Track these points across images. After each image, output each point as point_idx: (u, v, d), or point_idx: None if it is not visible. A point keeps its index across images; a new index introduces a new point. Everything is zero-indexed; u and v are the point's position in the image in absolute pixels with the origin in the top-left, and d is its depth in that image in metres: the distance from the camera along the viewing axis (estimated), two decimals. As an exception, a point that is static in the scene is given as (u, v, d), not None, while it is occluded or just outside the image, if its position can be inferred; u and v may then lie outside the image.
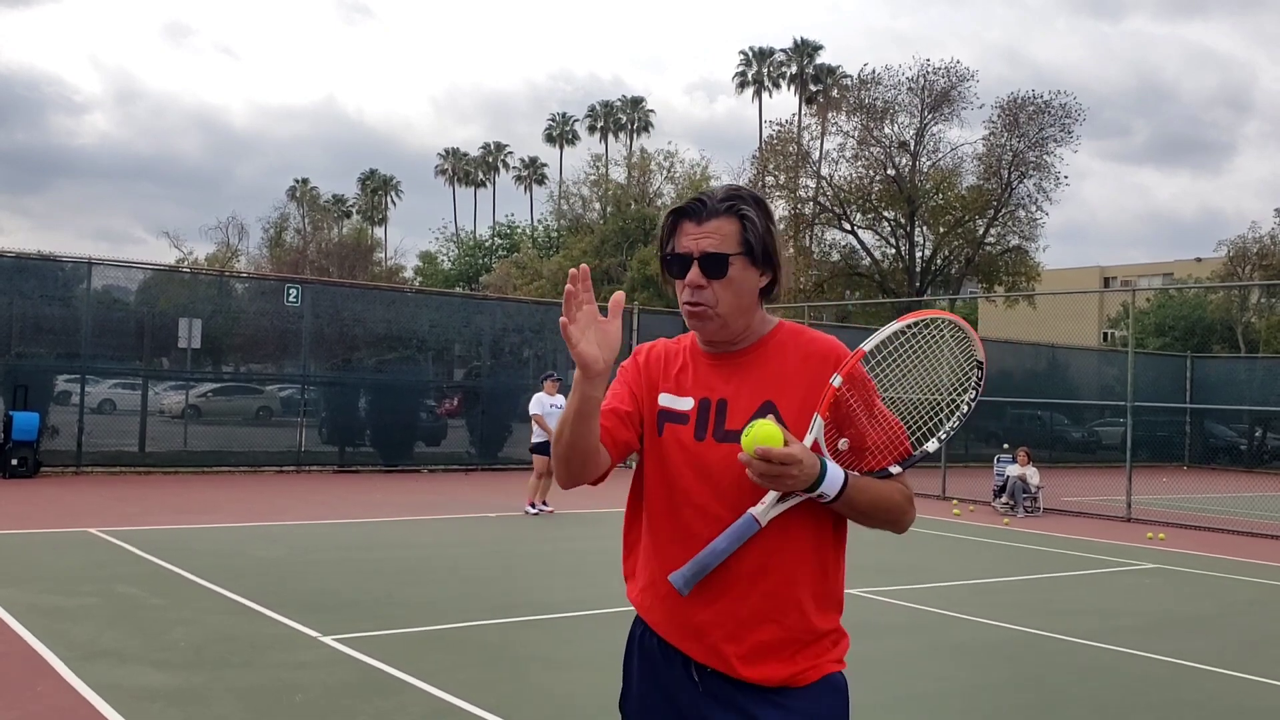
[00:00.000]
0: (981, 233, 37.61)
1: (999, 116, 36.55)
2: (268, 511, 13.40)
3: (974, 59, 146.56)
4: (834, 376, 2.16)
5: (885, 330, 2.23)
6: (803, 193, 38.25)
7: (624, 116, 74.40)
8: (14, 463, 15.59)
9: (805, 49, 61.97)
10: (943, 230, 38.04)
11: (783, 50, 63.87)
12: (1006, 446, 18.33)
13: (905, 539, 13.14)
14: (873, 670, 6.54)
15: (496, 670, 6.25)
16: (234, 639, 6.66)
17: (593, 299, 2.08)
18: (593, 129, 74.96)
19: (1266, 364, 33.78)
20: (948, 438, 2.29)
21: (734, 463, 2.11)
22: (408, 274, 61.22)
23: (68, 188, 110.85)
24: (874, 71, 37.71)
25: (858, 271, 38.85)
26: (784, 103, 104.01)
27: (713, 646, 2.18)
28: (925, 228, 38.60)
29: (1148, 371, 29.21)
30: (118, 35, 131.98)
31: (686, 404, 2.26)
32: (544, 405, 13.86)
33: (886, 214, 38.09)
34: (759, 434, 2.05)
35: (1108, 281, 59.29)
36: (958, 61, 59.12)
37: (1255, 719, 6.10)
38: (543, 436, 13.80)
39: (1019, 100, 36.25)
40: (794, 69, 62.56)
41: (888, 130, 37.40)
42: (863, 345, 2.20)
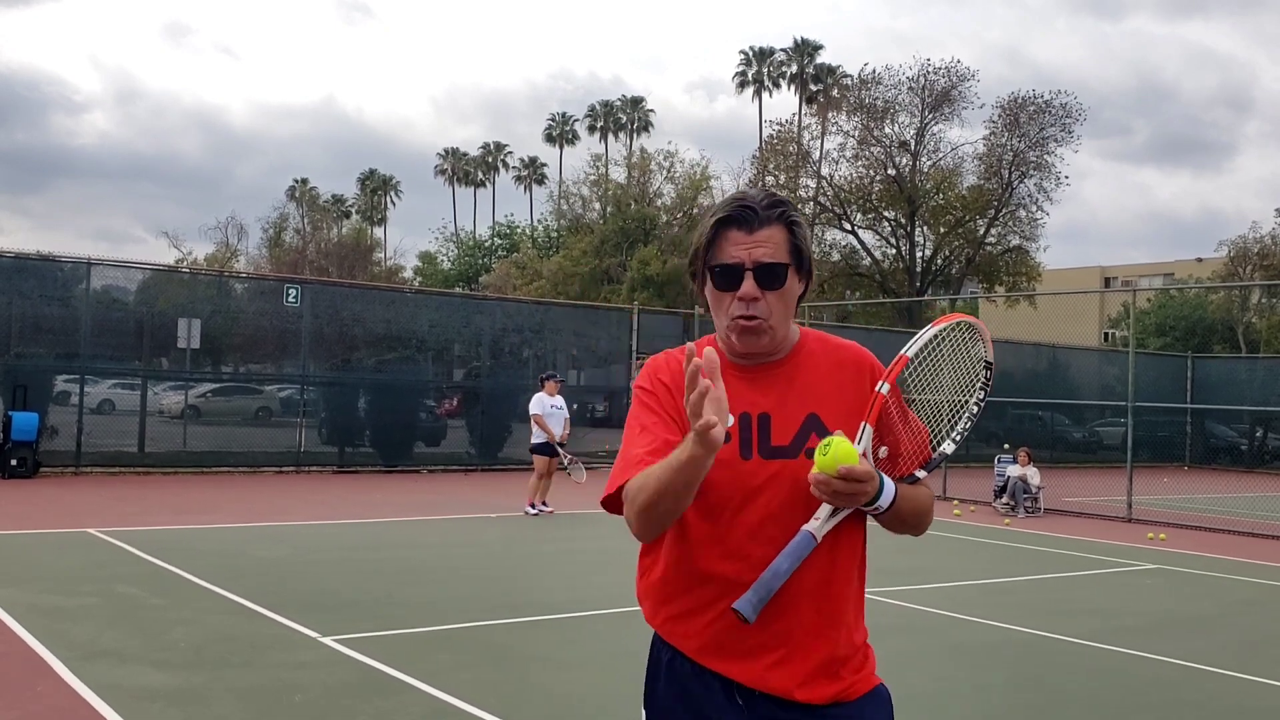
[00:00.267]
0: (982, 233, 37.63)
1: (999, 116, 36.59)
2: (267, 512, 13.39)
3: (974, 59, 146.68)
4: (880, 384, 2.11)
5: (924, 335, 2.19)
6: (803, 193, 38.25)
7: (624, 116, 74.44)
8: (13, 463, 15.59)
9: (805, 49, 62.00)
10: (943, 230, 38.06)
11: (783, 50, 63.97)
12: (1007, 447, 18.33)
13: (905, 539, 13.11)
14: (873, 670, 6.53)
15: (497, 670, 6.24)
16: (234, 639, 6.66)
17: (716, 381, 1.90)
18: (593, 129, 75.02)
19: (1267, 364, 33.77)
20: (962, 439, 2.27)
21: (786, 480, 2.07)
22: (407, 274, 61.19)
23: (68, 188, 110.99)
24: (874, 71, 37.75)
25: (858, 272, 38.86)
26: (784, 102, 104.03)
27: (767, 669, 2.10)
28: (926, 228, 38.61)
29: (1148, 372, 29.21)
30: (118, 35, 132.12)
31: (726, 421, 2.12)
32: (544, 405, 13.85)
33: (887, 214, 38.11)
34: (840, 452, 1.97)
35: (1108, 281, 59.29)
36: (958, 61, 59.19)
37: (1255, 719, 6.10)
38: (543, 437, 13.79)
39: (1019, 100, 36.28)
40: (794, 69, 62.59)
41: (888, 130, 37.44)
42: (905, 352, 2.16)
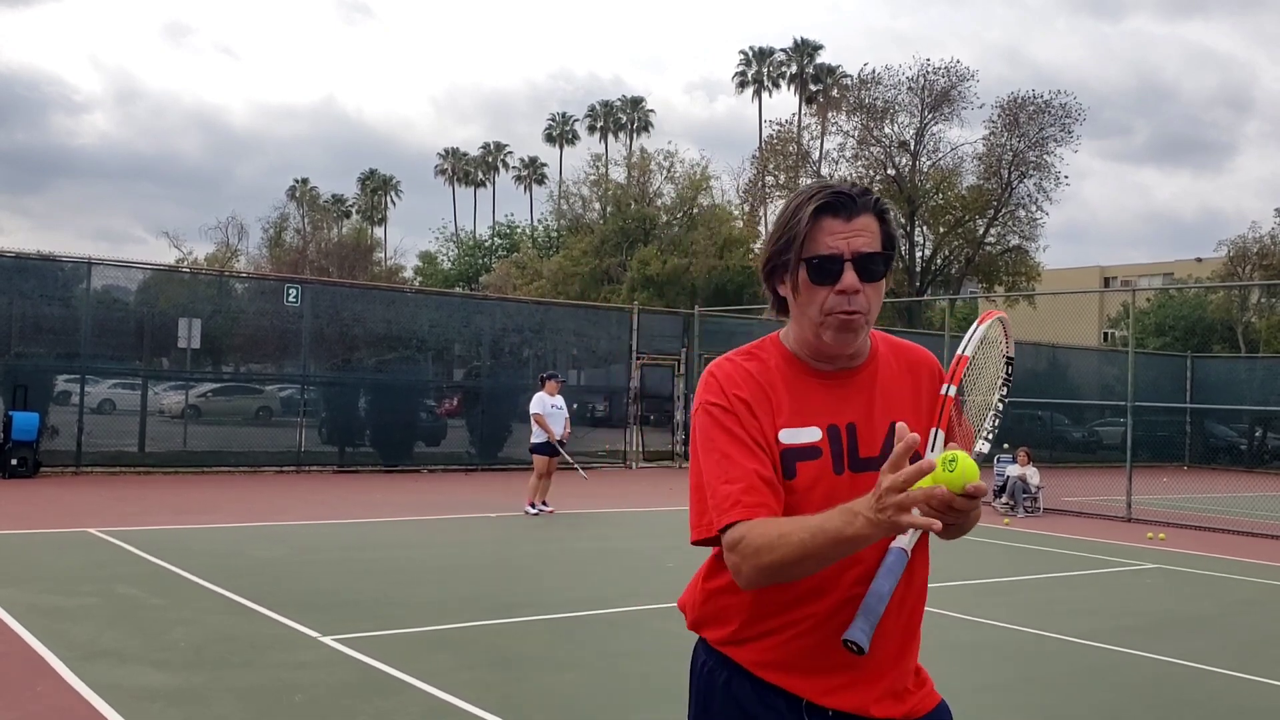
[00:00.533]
0: (981, 232, 37.65)
1: (999, 116, 36.61)
2: (267, 511, 13.40)
3: (974, 59, 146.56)
4: (947, 386, 1.99)
5: (976, 334, 2.06)
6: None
7: (624, 116, 74.45)
8: (14, 463, 15.59)
9: (805, 49, 62.00)
10: (943, 230, 38.08)
11: (783, 50, 63.97)
12: (1006, 446, 18.32)
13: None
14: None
15: (496, 670, 6.25)
16: (234, 639, 6.66)
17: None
18: (593, 129, 75.04)
19: (1267, 364, 33.79)
20: (993, 438, 2.18)
21: None
22: (407, 274, 61.23)
23: (68, 188, 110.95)
24: (874, 71, 37.76)
25: (858, 271, 38.85)
26: (784, 102, 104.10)
27: (842, 687, 2.01)
28: (925, 227, 38.63)
29: (1148, 371, 29.21)
30: (118, 35, 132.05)
31: (813, 434, 2.01)
32: (545, 405, 13.85)
33: (886, 214, 38.06)
34: (968, 469, 1.77)
35: (1108, 281, 59.29)
36: (958, 61, 59.21)
37: (1255, 719, 6.10)
38: (543, 436, 13.79)
39: (1019, 100, 36.30)
40: (794, 69, 62.59)
41: (888, 130, 37.46)
42: (964, 352, 2.04)
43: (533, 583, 9.26)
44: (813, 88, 59.31)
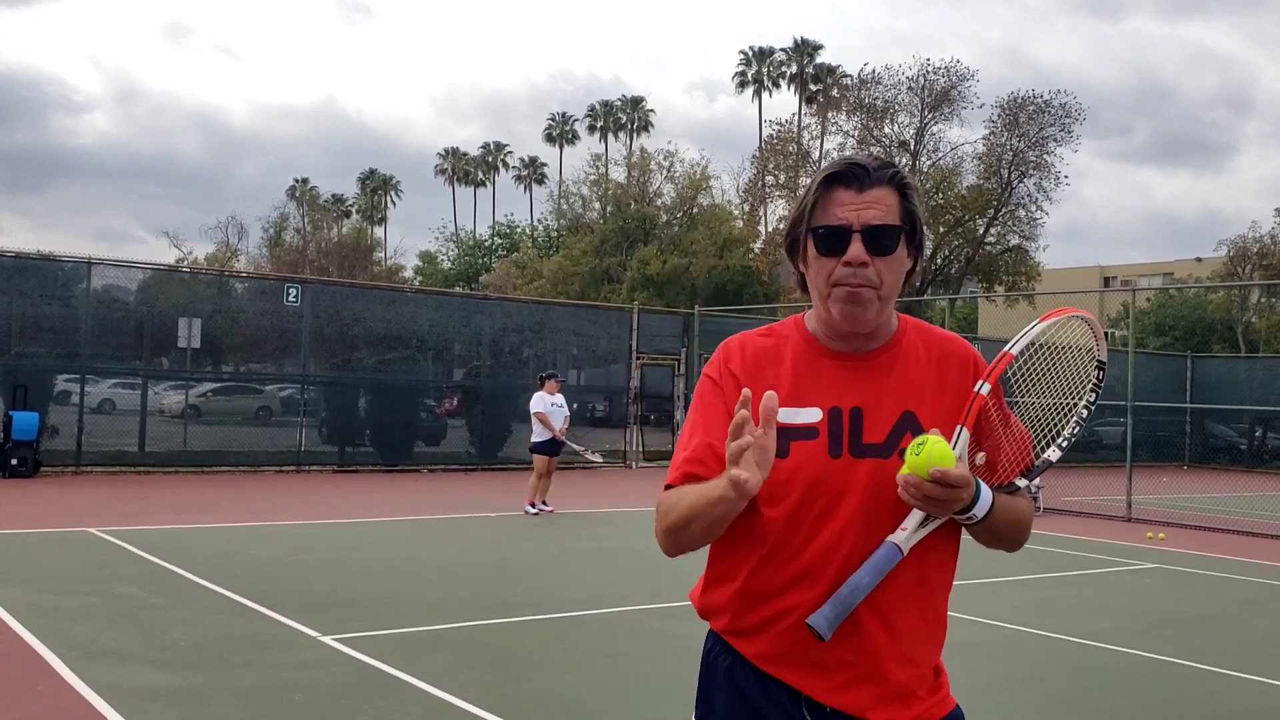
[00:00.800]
0: (981, 232, 37.64)
1: (999, 116, 36.59)
2: (267, 511, 13.40)
3: (974, 59, 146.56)
4: (980, 384, 1.93)
5: (1030, 332, 2.00)
6: (803, 192, 38.27)
7: (624, 116, 74.44)
8: (14, 462, 15.59)
9: (805, 49, 61.99)
10: (943, 230, 38.05)
11: (783, 50, 63.98)
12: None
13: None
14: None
15: (496, 670, 6.24)
16: (234, 639, 6.66)
17: (769, 427, 1.81)
18: (593, 129, 75.03)
19: (1267, 364, 33.77)
20: (1069, 445, 2.07)
21: (874, 482, 1.90)
22: (407, 274, 61.23)
23: (68, 188, 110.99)
24: (874, 71, 37.75)
25: (858, 271, 38.87)
26: (784, 102, 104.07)
27: (838, 686, 1.94)
28: (925, 227, 38.62)
29: (1148, 371, 29.19)
30: (118, 35, 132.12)
31: (813, 415, 1.96)
32: (545, 404, 13.86)
33: (886, 214, 38.07)
34: (935, 453, 1.79)
35: (1108, 281, 59.29)
36: (958, 61, 59.21)
37: (1255, 719, 6.10)
38: (543, 436, 13.79)
39: (1019, 100, 36.29)
40: (794, 68, 62.58)
41: (888, 130, 37.45)
42: (1008, 349, 1.98)
43: (532, 583, 9.26)
44: (813, 87, 59.31)
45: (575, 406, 15.17)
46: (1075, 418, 2.08)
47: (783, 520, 1.95)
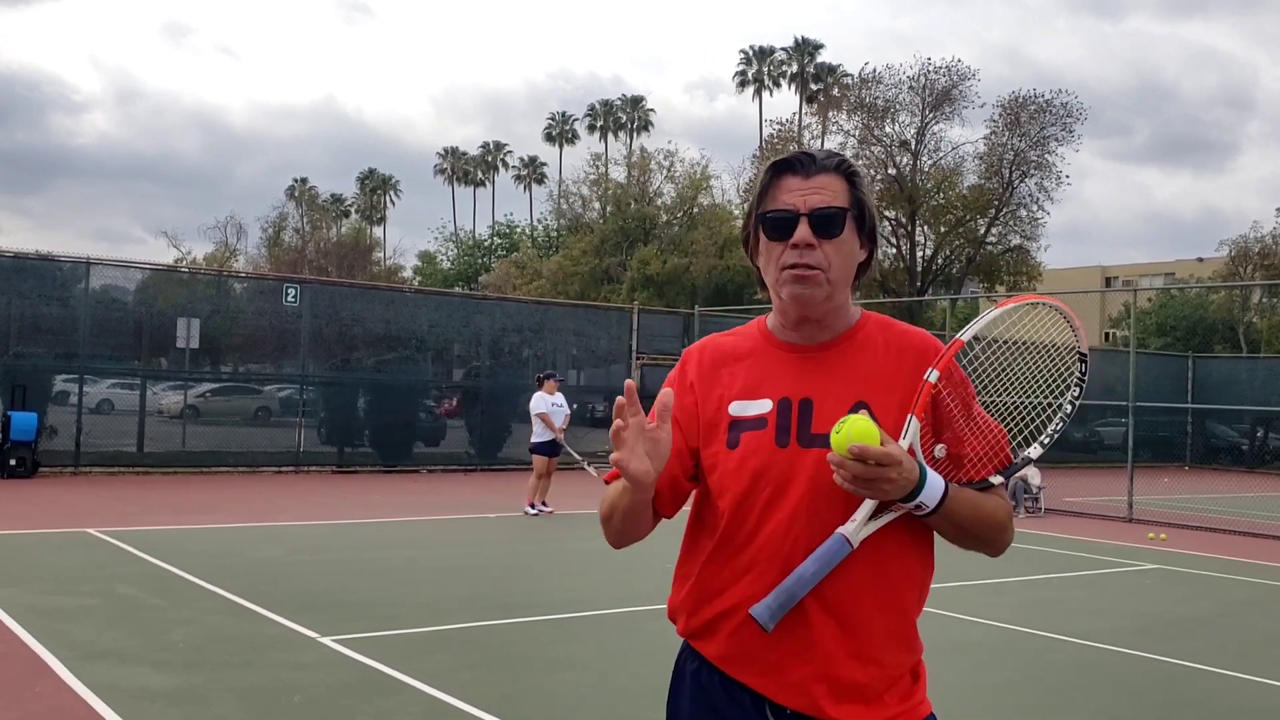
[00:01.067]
0: (983, 232, 37.62)
1: (1000, 116, 36.56)
2: (267, 512, 13.39)
3: (974, 59, 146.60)
4: (929, 371, 1.92)
5: (984, 318, 1.99)
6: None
7: (624, 116, 74.45)
8: (12, 463, 15.58)
9: (805, 48, 61.99)
10: (944, 230, 38.05)
11: (783, 49, 63.99)
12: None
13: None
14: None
15: (496, 670, 6.24)
16: (234, 639, 6.66)
17: (639, 410, 1.86)
18: (592, 128, 75.03)
19: (1268, 364, 33.78)
20: (1051, 442, 2.04)
21: (822, 472, 1.87)
22: (407, 274, 61.23)
23: (68, 188, 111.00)
24: (874, 71, 37.73)
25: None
26: (784, 102, 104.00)
27: (797, 684, 1.91)
28: (926, 227, 38.60)
29: (1149, 371, 29.20)
30: (117, 35, 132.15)
31: (763, 406, 1.98)
32: (545, 404, 13.86)
33: (887, 213, 38.06)
34: (853, 430, 1.80)
35: (1109, 281, 59.30)
36: (958, 61, 59.19)
37: (1255, 719, 6.09)
38: (542, 436, 13.79)
39: (1020, 99, 36.26)
40: (794, 68, 62.59)
41: (888, 129, 37.43)
42: (960, 335, 1.96)
43: (532, 583, 9.26)
44: (813, 87, 59.30)
45: (575, 407, 15.18)
46: (1060, 416, 2.04)
47: (730, 511, 1.96)
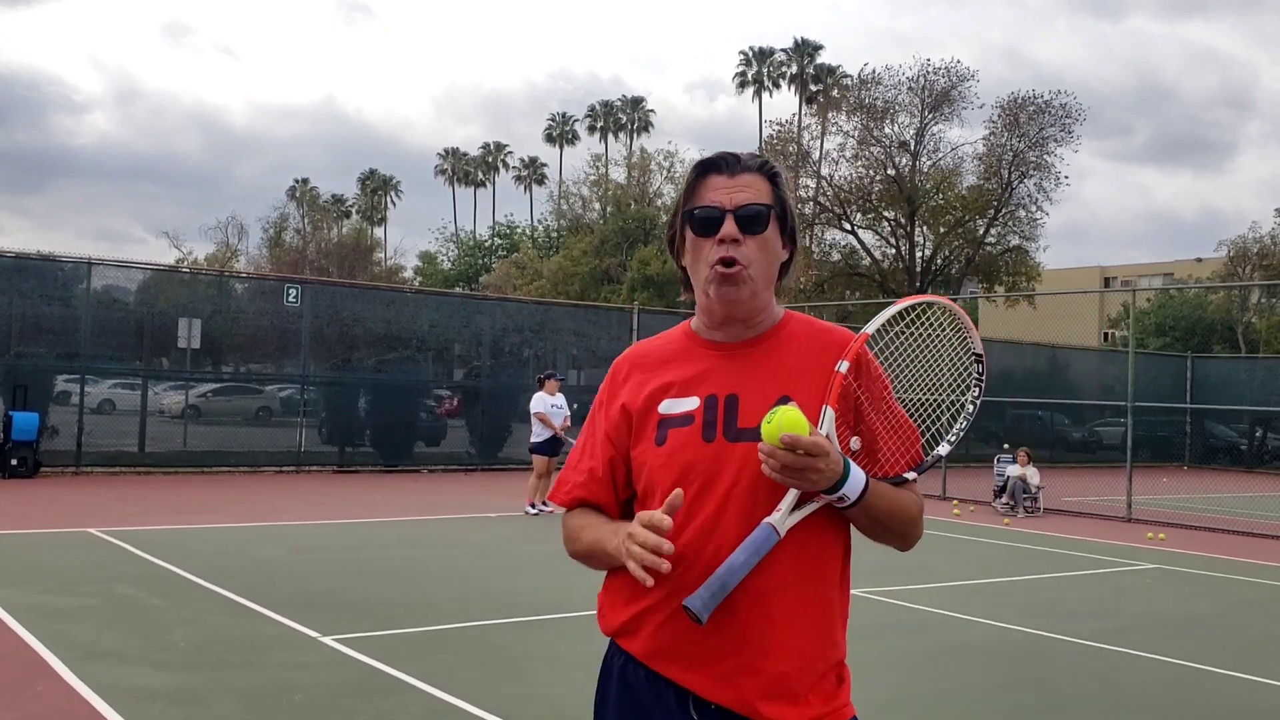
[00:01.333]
0: (982, 233, 37.59)
1: (999, 116, 36.54)
2: (267, 512, 13.39)
3: (974, 59, 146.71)
4: (839, 363, 1.98)
5: (885, 313, 2.06)
6: (803, 192, 38.22)
7: (624, 116, 74.43)
8: (13, 463, 15.58)
9: (805, 49, 62.01)
10: (943, 230, 38.03)
11: (783, 50, 64.00)
12: (1007, 446, 18.32)
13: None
14: (873, 670, 6.54)
15: (496, 670, 6.25)
16: (234, 639, 6.66)
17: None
18: (593, 129, 75.03)
19: (1267, 364, 33.79)
20: (957, 440, 2.11)
21: (749, 465, 1.91)
22: (407, 274, 61.22)
23: (68, 188, 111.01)
24: (874, 71, 37.71)
25: (858, 271, 38.84)
26: (784, 102, 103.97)
27: (725, 677, 1.92)
28: (925, 228, 38.58)
29: (1148, 371, 29.21)
30: (118, 35, 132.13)
31: (691, 404, 2.01)
32: (545, 405, 13.89)
33: (887, 214, 38.08)
34: (784, 420, 1.82)
35: (1108, 281, 59.26)
36: (958, 61, 59.20)
37: (1255, 719, 6.10)
38: (542, 436, 13.81)
39: (1019, 100, 36.24)
40: (794, 69, 62.59)
41: (888, 130, 37.39)
42: (865, 329, 2.03)
43: (532, 583, 9.26)
44: (813, 88, 59.30)
45: (575, 407, 15.17)
46: (963, 415, 2.12)
47: (657, 505, 1.96)
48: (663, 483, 1.98)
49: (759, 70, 65.17)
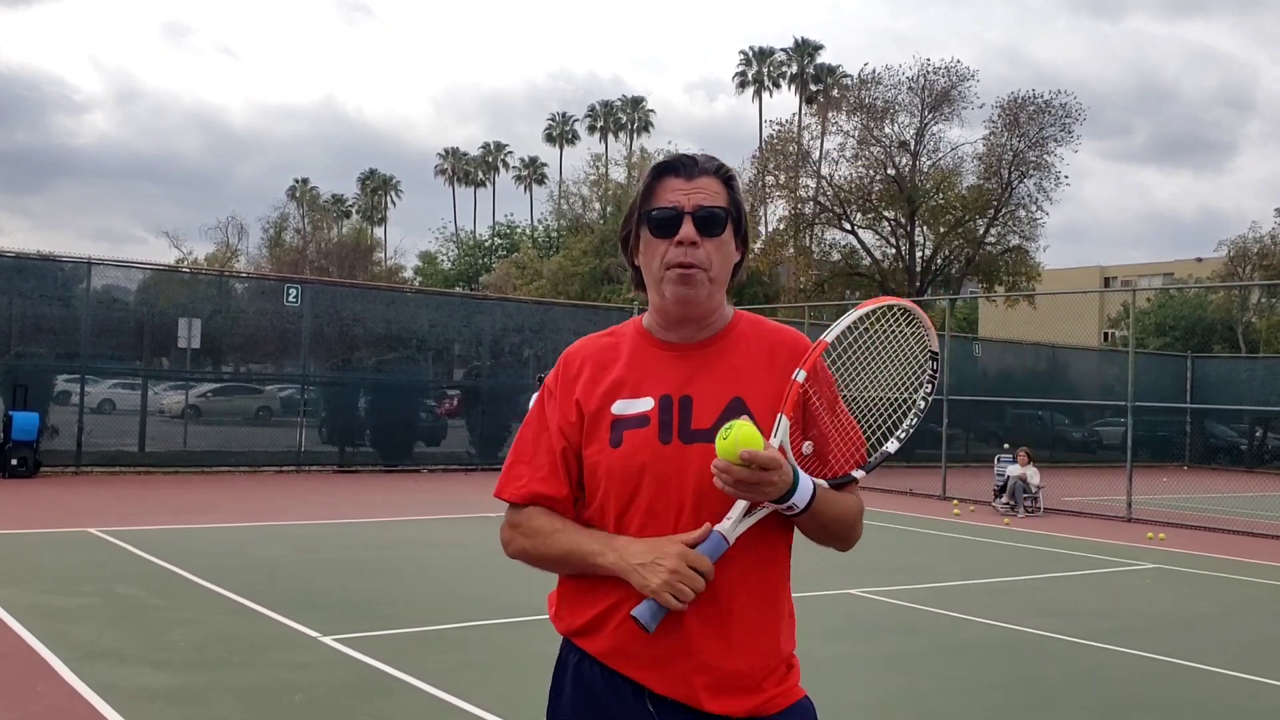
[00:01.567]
0: (982, 232, 37.58)
1: (999, 116, 36.52)
2: (267, 511, 13.40)
3: (974, 59, 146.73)
4: (797, 371, 1.99)
5: (845, 320, 2.08)
6: (803, 192, 38.24)
7: (624, 116, 74.39)
8: (14, 463, 15.59)
9: (805, 49, 61.95)
10: (943, 230, 38.01)
11: (783, 50, 63.90)
12: (1007, 446, 18.32)
13: (905, 539, 13.14)
14: (872, 670, 6.55)
15: (496, 670, 6.25)
16: (234, 639, 6.66)
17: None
18: (593, 129, 74.98)
19: (1267, 364, 33.80)
20: (907, 437, 2.13)
21: (704, 468, 1.91)
22: (407, 274, 61.21)
23: (68, 188, 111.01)
24: (874, 71, 37.69)
25: (858, 271, 38.84)
26: (784, 102, 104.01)
27: (678, 677, 1.95)
28: (925, 227, 38.56)
29: (1148, 371, 29.22)
30: (118, 35, 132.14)
31: (645, 404, 2.02)
32: (544, 405, 13.87)
33: (886, 214, 38.06)
34: (741, 435, 1.83)
35: (1108, 281, 59.25)
36: (958, 61, 59.20)
37: (1255, 719, 6.10)
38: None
39: (1019, 100, 36.23)
40: (794, 69, 62.54)
41: (888, 130, 37.36)
42: (824, 336, 2.04)
43: (532, 582, 9.23)
44: (813, 88, 59.23)
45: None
46: (914, 412, 2.13)
47: (613, 510, 2.01)
48: (618, 484, 2.00)
49: (759, 70, 65.13)
